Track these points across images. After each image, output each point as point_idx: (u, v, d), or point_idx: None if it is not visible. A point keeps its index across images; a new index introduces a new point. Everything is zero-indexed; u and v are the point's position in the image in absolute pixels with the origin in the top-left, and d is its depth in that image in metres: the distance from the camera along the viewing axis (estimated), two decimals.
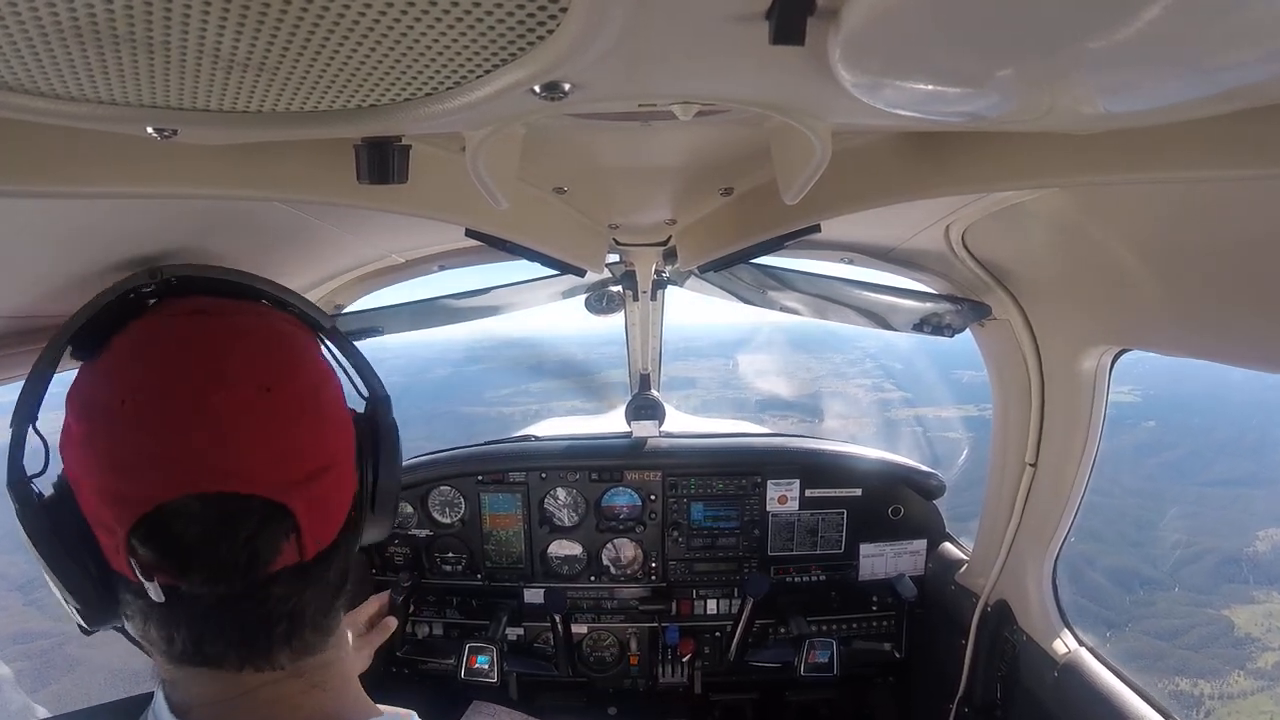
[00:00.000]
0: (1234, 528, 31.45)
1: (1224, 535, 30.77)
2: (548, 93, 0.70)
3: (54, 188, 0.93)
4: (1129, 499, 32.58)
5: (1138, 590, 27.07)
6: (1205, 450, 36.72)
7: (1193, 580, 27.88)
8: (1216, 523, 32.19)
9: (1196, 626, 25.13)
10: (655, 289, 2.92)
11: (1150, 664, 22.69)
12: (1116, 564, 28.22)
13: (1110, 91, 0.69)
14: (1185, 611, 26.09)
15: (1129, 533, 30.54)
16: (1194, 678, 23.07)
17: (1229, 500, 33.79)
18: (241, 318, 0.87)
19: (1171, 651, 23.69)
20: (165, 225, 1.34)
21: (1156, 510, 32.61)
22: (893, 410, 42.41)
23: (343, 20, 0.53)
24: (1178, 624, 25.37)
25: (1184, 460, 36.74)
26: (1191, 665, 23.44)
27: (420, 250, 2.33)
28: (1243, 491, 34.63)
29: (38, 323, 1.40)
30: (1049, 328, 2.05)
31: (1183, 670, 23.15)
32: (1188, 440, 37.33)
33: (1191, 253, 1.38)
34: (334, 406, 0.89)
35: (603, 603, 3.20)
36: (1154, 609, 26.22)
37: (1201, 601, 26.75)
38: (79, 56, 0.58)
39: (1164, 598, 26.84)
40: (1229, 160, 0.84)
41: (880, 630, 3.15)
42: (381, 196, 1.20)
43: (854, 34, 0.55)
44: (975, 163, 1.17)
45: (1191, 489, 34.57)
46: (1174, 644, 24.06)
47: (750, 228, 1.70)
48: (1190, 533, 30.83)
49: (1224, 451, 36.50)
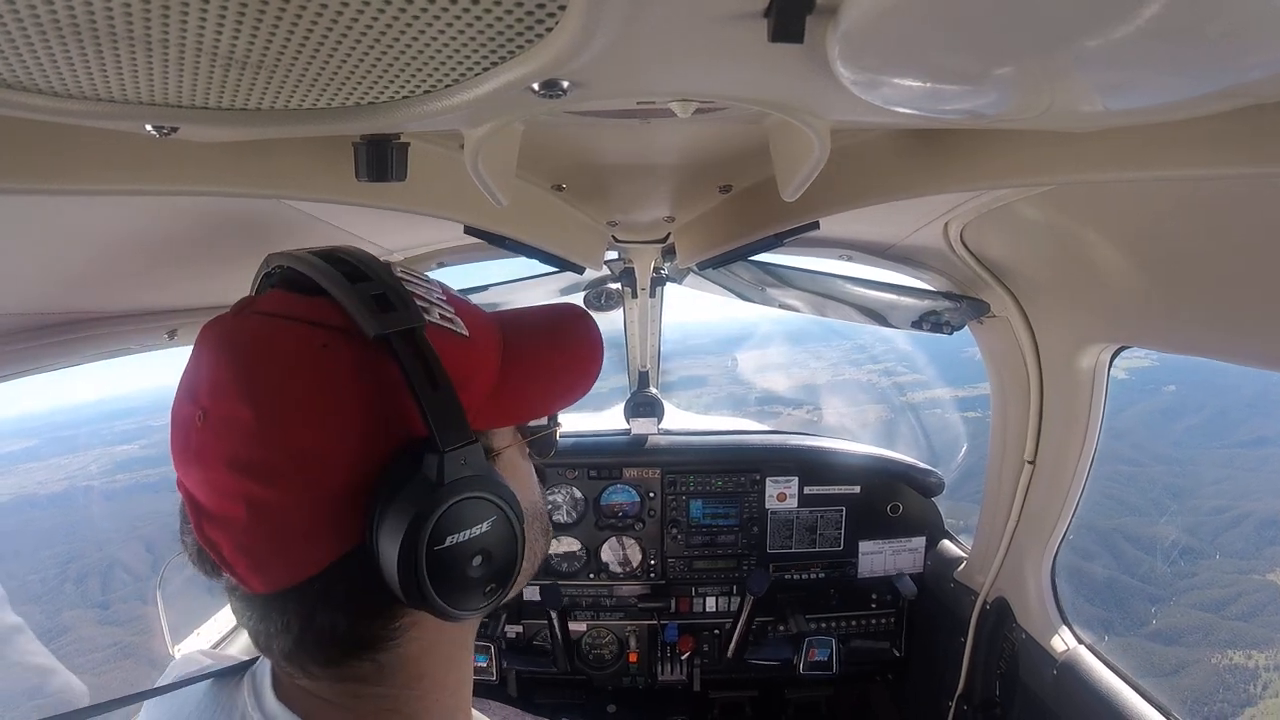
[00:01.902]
0: (1269, 489, 30.56)
1: (1261, 497, 29.72)
2: (546, 90, 0.70)
3: (53, 185, 0.93)
4: (1158, 466, 31.83)
5: (1178, 561, 26.35)
6: (1232, 409, 35.62)
7: (1233, 546, 27.01)
8: (1251, 484, 31.21)
9: (1243, 595, 24.26)
10: (654, 286, 2.92)
11: (1201, 638, 22.13)
12: (1154, 534, 27.49)
13: (1109, 89, 0.69)
14: (1229, 580, 25.27)
15: (1163, 501, 29.83)
16: (1247, 649, 22.21)
17: (1261, 460, 32.72)
18: (256, 324, 0.72)
19: (1220, 624, 22.85)
20: (164, 222, 1.34)
21: (1187, 476, 31.89)
22: (894, 399, 42.13)
23: (341, 18, 0.53)
24: (1223, 593, 24.56)
25: (1211, 422, 35.62)
26: (1243, 636, 22.48)
27: (419, 248, 2.33)
28: (1273, 451, 33.66)
29: (46, 319, 1.41)
30: (1048, 325, 2.06)
31: (1234, 643, 22.29)
32: (1214, 400, 36.22)
33: (1190, 250, 1.38)
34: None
35: (602, 600, 3.20)
36: (1197, 579, 25.50)
37: (1245, 568, 25.80)
38: (78, 54, 0.58)
39: (1206, 566, 26.07)
40: (1228, 158, 0.84)
41: (879, 628, 3.16)
42: (380, 194, 1.20)
43: (852, 31, 0.55)
44: (974, 160, 1.17)
45: (1222, 452, 33.48)
46: (1222, 615, 23.25)
47: (749, 225, 1.70)
48: (1226, 497, 29.93)
49: (1253, 409, 35.38)
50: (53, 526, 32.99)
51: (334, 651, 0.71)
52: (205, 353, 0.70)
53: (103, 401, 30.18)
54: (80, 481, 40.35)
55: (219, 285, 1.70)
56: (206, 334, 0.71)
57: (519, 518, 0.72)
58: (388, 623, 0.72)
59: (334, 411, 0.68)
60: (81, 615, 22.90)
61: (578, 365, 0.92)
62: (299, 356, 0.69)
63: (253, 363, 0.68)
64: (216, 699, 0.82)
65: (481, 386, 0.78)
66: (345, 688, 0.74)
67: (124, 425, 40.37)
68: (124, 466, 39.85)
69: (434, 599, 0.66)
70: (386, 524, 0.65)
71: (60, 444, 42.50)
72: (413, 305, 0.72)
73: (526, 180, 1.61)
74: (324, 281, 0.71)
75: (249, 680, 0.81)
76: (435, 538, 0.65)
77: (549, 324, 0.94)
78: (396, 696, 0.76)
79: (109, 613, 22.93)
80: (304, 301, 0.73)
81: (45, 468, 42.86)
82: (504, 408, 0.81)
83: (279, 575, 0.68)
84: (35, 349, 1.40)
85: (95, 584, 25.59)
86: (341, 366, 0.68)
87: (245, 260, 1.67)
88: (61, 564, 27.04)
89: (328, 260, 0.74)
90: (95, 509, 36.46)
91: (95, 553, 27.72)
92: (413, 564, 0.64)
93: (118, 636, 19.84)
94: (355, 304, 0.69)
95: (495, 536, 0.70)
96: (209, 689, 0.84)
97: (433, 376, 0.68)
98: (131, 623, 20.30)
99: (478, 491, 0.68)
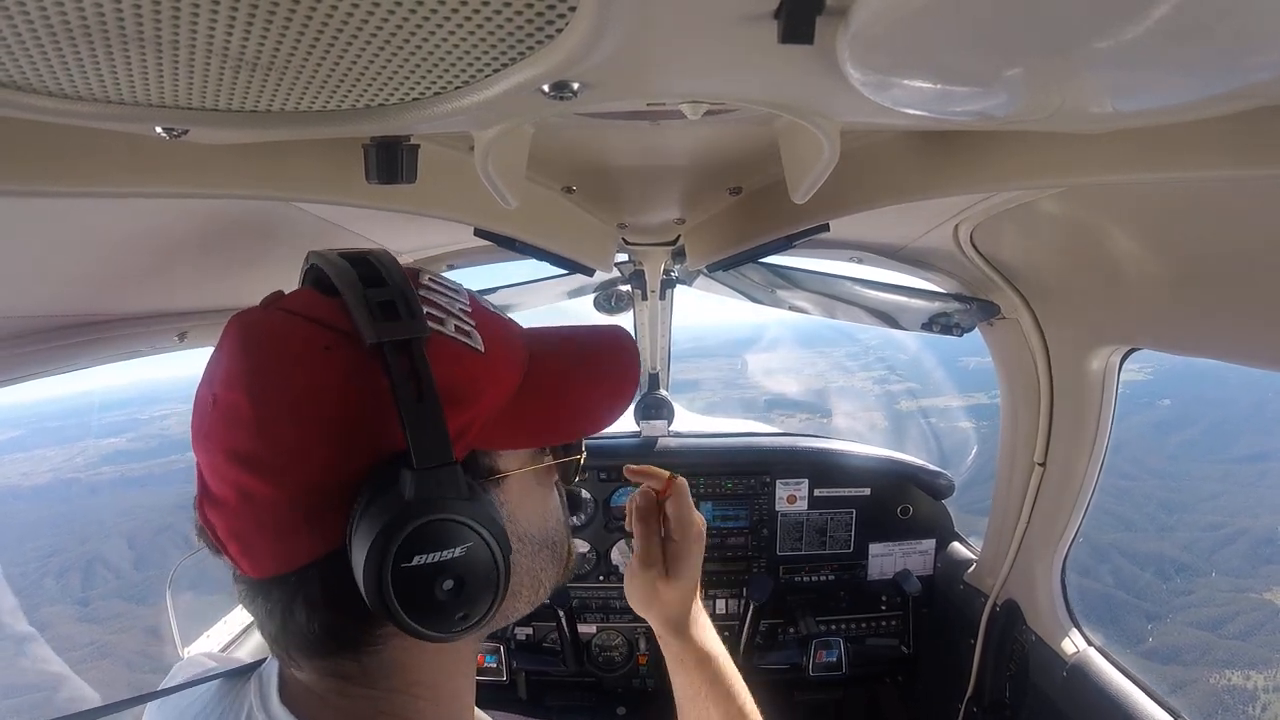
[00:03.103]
0: (1266, 505, 30.14)
1: (1256, 514, 29.36)
2: (556, 92, 0.70)
3: (63, 188, 0.93)
4: (1153, 481, 31.44)
5: (1174, 578, 25.94)
6: (1226, 424, 35.19)
7: (1229, 564, 26.68)
8: (1247, 501, 30.71)
9: (1240, 614, 23.78)
10: (664, 288, 2.91)
11: (1198, 657, 21.75)
12: (1150, 550, 27.15)
13: (1119, 91, 0.69)
14: (1226, 598, 24.90)
15: (1158, 517, 29.46)
16: (1245, 669, 21.73)
17: (1256, 476, 32.26)
18: (276, 320, 0.74)
19: (1218, 643, 22.44)
20: (174, 225, 1.34)
21: (1182, 492, 31.37)
22: (899, 402, 41.84)
23: (351, 19, 0.54)
24: (1220, 612, 24.10)
25: (1205, 437, 35.25)
26: (1241, 656, 22.01)
27: (429, 250, 2.34)
28: (1270, 466, 33.14)
29: (58, 321, 1.42)
30: (1058, 327, 2.05)
31: (1231, 662, 21.80)
32: (1208, 414, 35.77)
33: (1201, 252, 1.38)
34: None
35: (611, 602, 3.20)
36: (1193, 597, 25.08)
37: (1242, 586, 25.52)
38: (88, 56, 0.58)
39: (1203, 584, 25.72)
40: (1241, 159, 0.83)
41: (889, 629, 3.14)
42: (390, 196, 1.20)
43: (863, 32, 0.55)
44: (984, 162, 1.17)
45: (1217, 467, 33.02)
46: (1219, 634, 22.81)
47: (759, 227, 1.70)
48: (1222, 513, 29.56)
49: (1246, 425, 34.97)
50: (37, 520, 32.83)
51: (314, 647, 0.72)
52: (227, 342, 0.72)
53: (90, 393, 29.85)
54: (65, 474, 40.13)
55: (229, 288, 1.70)
56: (233, 324, 0.73)
57: (501, 546, 0.69)
58: (366, 629, 0.72)
59: (321, 413, 0.68)
60: (61, 612, 22.63)
61: (606, 392, 0.89)
62: (302, 355, 0.69)
63: (261, 357, 0.70)
64: (224, 700, 0.83)
65: (491, 404, 0.76)
66: (333, 684, 0.74)
67: (113, 417, 40.22)
68: (110, 459, 39.43)
69: (399, 614, 0.65)
70: (359, 533, 0.65)
71: (47, 435, 42.32)
72: (419, 315, 0.71)
73: (536, 182, 1.61)
74: (339, 283, 0.72)
75: (256, 681, 0.81)
76: (402, 554, 0.64)
77: (583, 346, 0.92)
78: (387, 699, 0.75)
79: (89, 610, 22.52)
80: (323, 302, 0.74)
81: (30, 459, 42.61)
82: (516, 428, 0.79)
83: (264, 564, 0.70)
84: (47, 351, 1.41)
85: (76, 579, 25.25)
86: (337, 370, 0.69)
87: (255, 263, 1.68)
88: (43, 558, 26.80)
89: (353, 263, 0.74)
90: (79, 503, 36.24)
91: (77, 547, 27.49)
92: (378, 577, 0.64)
93: (95, 635, 19.32)
94: (360, 309, 0.69)
95: (469, 563, 0.67)
96: (217, 690, 0.85)
97: (421, 390, 0.67)
98: (110, 620, 19.92)
99: (451, 514, 0.66)
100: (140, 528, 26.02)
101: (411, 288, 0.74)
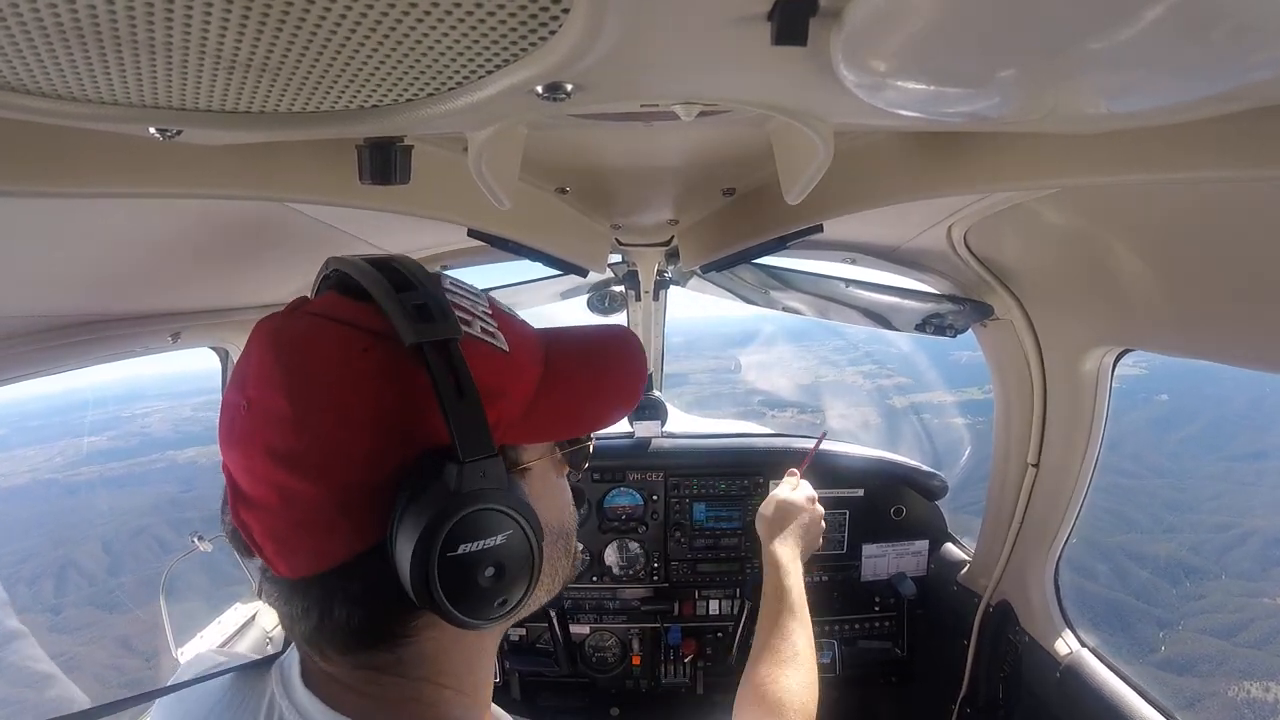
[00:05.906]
0: (1271, 505, 29.23)
1: (1262, 514, 28.40)
2: (550, 94, 0.70)
3: (57, 189, 0.93)
4: (1155, 479, 30.83)
5: (1184, 582, 25.15)
6: (1224, 421, 34.51)
7: (1240, 567, 25.82)
8: (1251, 500, 29.94)
9: (1255, 620, 22.97)
10: (657, 289, 2.92)
11: (1214, 668, 21.05)
12: (1157, 553, 26.35)
13: (1112, 92, 0.69)
14: (1239, 603, 23.98)
15: (1163, 517, 28.67)
16: (1264, 680, 20.91)
17: (1259, 474, 31.58)
18: (305, 324, 0.75)
19: (1234, 651, 21.63)
20: (168, 226, 1.34)
21: (1186, 490, 30.70)
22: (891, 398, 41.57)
23: (345, 21, 0.54)
24: (1234, 618, 23.31)
25: (1205, 433, 34.43)
26: (1258, 666, 21.16)
27: (422, 250, 2.33)
28: (1272, 464, 32.43)
29: (52, 322, 1.42)
30: (1051, 328, 2.05)
31: (1250, 673, 21.01)
32: (1206, 410, 35.10)
33: (1194, 253, 1.38)
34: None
35: (605, 603, 3.19)
36: (1205, 602, 24.29)
37: (1255, 590, 24.60)
38: (81, 57, 0.58)
39: (1214, 588, 24.92)
40: (1233, 161, 0.84)
41: (882, 631, 3.15)
42: (383, 197, 1.20)
43: (856, 34, 0.55)
44: (978, 163, 1.17)
45: (1219, 465, 32.37)
46: (1234, 642, 22.03)
47: (752, 228, 1.70)
48: (1228, 513, 28.76)
49: (1245, 422, 34.32)
50: (12, 523, 32.27)
51: (350, 641, 0.74)
52: (255, 346, 0.73)
53: (73, 391, 29.45)
54: (44, 475, 39.51)
55: (223, 288, 1.70)
56: (260, 329, 0.75)
57: (536, 534, 0.73)
58: (404, 621, 0.75)
59: (363, 412, 0.70)
60: (32, 621, 21.99)
61: (617, 389, 0.93)
62: (339, 357, 0.72)
63: (296, 359, 0.72)
64: (241, 690, 0.84)
65: (517, 401, 0.79)
66: (364, 675, 0.76)
67: (95, 415, 39.58)
68: (91, 459, 38.76)
69: (443, 603, 0.68)
70: (404, 526, 0.67)
71: (28, 434, 41.78)
72: (452, 317, 0.74)
73: (530, 183, 1.61)
74: (371, 288, 0.74)
75: (277, 670, 0.83)
76: (448, 544, 0.67)
77: (593, 345, 0.96)
78: (416, 688, 0.78)
79: (60, 618, 21.96)
80: (352, 306, 0.76)
81: (10, 459, 41.92)
82: (538, 424, 0.82)
83: (303, 563, 0.72)
84: (41, 352, 1.41)
85: (48, 586, 24.64)
86: (376, 370, 0.71)
87: (248, 263, 1.67)
88: (15, 563, 26.20)
89: (379, 268, 0.77)
90: (56, 504, 35.65)
91: (51, 551, 26.94)
92: (424, 567, 0.66)
93: (64, 647, 18.10)
94: (397, 312, 0.71)
95: (509, 550, 0.71)
96: (231, 683, 0.86)
97: (461, 387, 0.69)
98: (82, 630, 18.96)
99: (494, 504, 0.70)
100: (116, 532, 25.60)
101: (440, 291, 0.77)
